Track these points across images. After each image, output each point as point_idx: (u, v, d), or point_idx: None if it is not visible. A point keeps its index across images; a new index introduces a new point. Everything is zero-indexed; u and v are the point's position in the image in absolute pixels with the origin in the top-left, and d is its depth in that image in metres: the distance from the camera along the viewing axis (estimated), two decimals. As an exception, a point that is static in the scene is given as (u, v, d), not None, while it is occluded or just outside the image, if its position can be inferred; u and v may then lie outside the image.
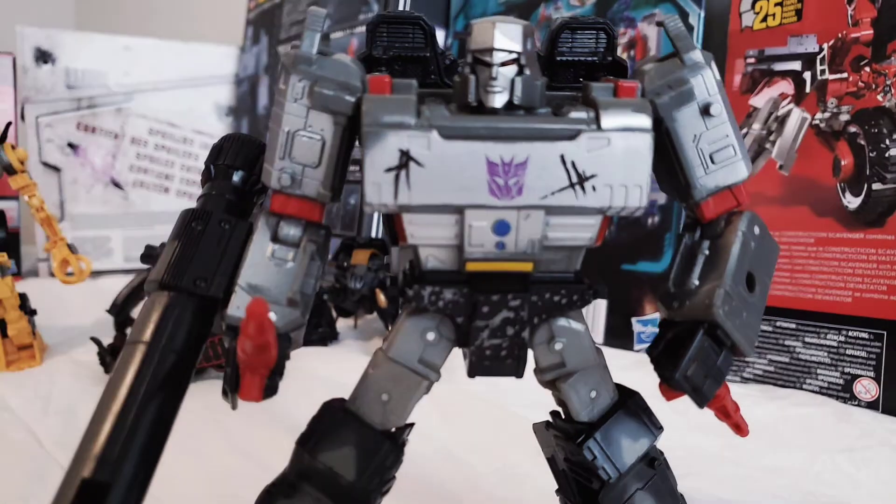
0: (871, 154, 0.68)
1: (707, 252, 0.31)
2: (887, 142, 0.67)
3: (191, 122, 1.52)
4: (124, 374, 0.28)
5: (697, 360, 0.30)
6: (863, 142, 0.69)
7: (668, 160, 0.32)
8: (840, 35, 0.71)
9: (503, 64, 0.28)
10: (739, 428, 0.34)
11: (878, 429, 0.62)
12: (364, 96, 0.29)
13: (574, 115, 0.28)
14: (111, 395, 0.27)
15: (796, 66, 0.74)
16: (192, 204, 0.34)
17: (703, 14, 0.82)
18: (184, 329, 0.29)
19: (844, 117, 0.70)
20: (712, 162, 0.31)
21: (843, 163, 0.70)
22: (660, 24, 0.32)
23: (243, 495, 0.33)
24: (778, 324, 0.74)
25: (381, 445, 0.31)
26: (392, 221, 0.31)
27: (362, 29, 1.11)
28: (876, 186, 0.68)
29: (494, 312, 0.30)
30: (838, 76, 0.71)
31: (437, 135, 0.28)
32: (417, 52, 0.34)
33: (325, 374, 0.73)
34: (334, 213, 1.17)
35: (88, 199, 1.46)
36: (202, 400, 0.72)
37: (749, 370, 0.76)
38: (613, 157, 0.28)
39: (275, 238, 0.31)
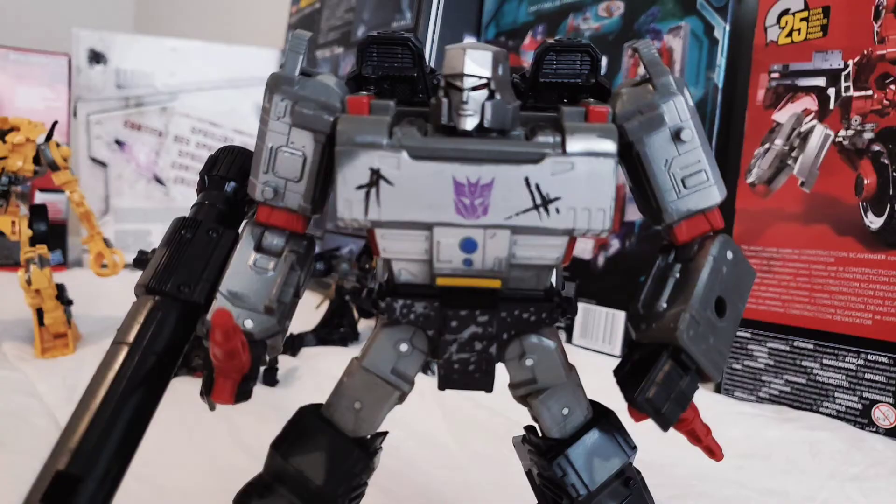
0: (894, 173, 0.67)
1: (678, 275, 0.32)
2: (913, 162, 0.66)
3: (232, 122, 1.56)
4: (106, 373, 0.29)
5: (660, 384, 0.30)
6: (887, 161, 0.67)
7: (641, 183, 0.32)
8: (866, 52, 0.69)
9: (473, 88, 0.29)
10: (712, 452, 0.34)
11: (892, 457, 0.60)
12: (340, 116, 0.30)
13: (541, 139, 0.29)
14: (92, 392, 0.29)
15: (820, 82, 0.73)
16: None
17: (728, 28, 0.81)
18: (166, 332, 0.31)
19: (868, 135, 0.69)
20: (684, 186, 0.31)
21: (865, 182, 0.68)
22: (634, 49, 0.32)
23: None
24: (795, 344, 0.73)
25: (351, 452, 0.32)
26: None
27: (395, 35, 1.13)
28: (900, 207, 0.66)
29: (463, 327, 0.31)
30: (863, 93, 0.69)
31: (407, 155, 0.29)
32: (405, 72, 0.35)
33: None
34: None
35: (132, 194, 1.51)
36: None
37: (765, 390, 0.75)
38: (577, 181, 0.29)
39: (258, 247, 0.33)
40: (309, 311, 1.15)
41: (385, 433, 0.35)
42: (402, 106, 0.33)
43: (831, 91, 0.72)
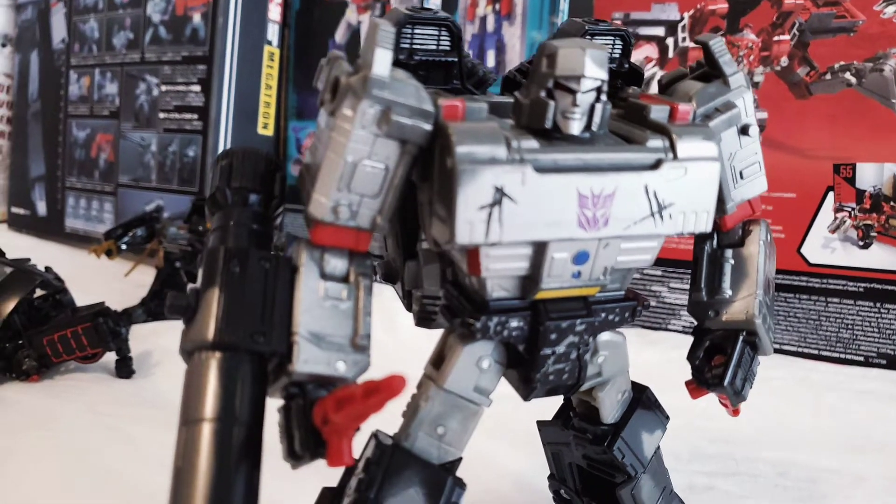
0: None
1: (732, 261, 0.34)
2: (740, 107, 0.75)
3: (-44, 53, 1.26)
4: (196, 463, 0.24)
5: (739, 367, 0.32)
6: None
7: (703, 176, 0.33)
8: (699, 6, 0.77)
9: (586, 91, 0.27)
10: (736, 413, 0.38)
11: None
12: (449, 126, 0.26)
13: (651, 143, 0.28)
14: (188, 490, 0.23)
15: (660, 31, 0.79)
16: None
17: (571, -27, 0.84)
18: (247, 395, 0.25)
19: (706, 84, 0.77)
20: (741, 178, 0.33)
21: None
22: (702, 44, 0.32)
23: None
24: (645, 271, 0.81)
25: (445, 480, 0.30)
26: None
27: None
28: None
29: (562, 338, 0.30)
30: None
31: (532, 169, 0.26)
32: (445, 57, 0.32)
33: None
34: (168, 167, 1.05)
35: None
36: (82, 400, 0.64)
37: (620, 315, 0.83)
38: (688, 186, 0.29)
39: (322, 274, 0.28)
40: (119, 281, 1.01)
41: (460, 458, 0.32)
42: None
43: (670, 41, 0.79)
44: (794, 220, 0.73)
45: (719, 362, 0.33)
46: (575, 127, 0.27)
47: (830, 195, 0.72)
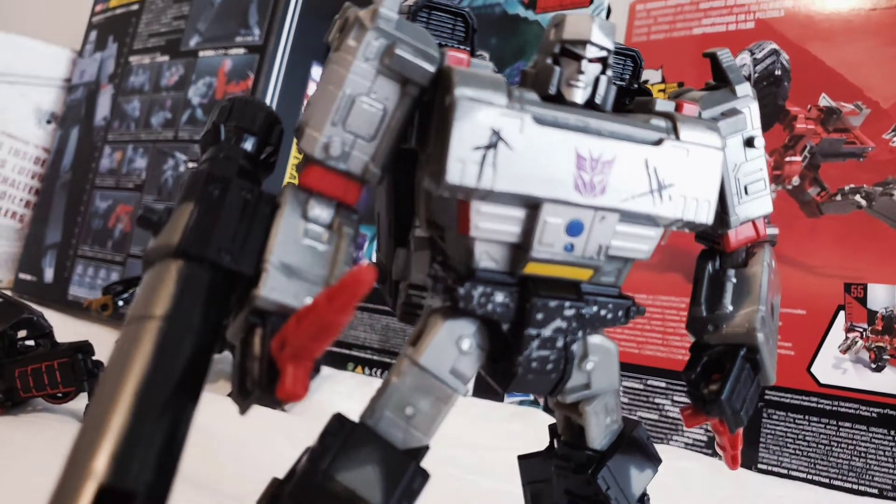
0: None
1: (734, 280, 0.32)
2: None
3: (1, 124, 1.32)
4: (133, 357, 0.22)
5: (738, 385, 0.30)
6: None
7: (707, 186, 0.32)
8: (713, 125, 0.79)
9: (591, 60, 0.27)
10: (735, 461, 0.34)
11: (750, 482, 0.66)
12: (452, 68, 0.26)
13: (655, 122, 0.28)
14: (120, 381, 0.21)
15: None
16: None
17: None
18: (203, 304, 0.24)
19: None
20: (745, 193, 0.32)
21: (714, 237, 0.77)
22: (711, 56, 0.33)
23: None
24: (649, 382, 0.78)
25: (407, 466, 0.27)
26: (430, 206, 0.29)
27: (238, 51, 1.05)
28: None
29: (549, 320, 0.28)
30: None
31: (531, 119, 0.26)
32: (458, 45, 0.32)
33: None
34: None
35: None
36: (42, 436, 0.60)
37: (619, 426, 0.79)
38: (690, 169, 0.28)
39: (304, 216, 0.27)
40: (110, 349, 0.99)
41: (427, 447, 0.30)
42: None
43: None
44: (803, 338, 0.71)
45: (717, 378, 0.30)
46: (578, 95, 0.27)
47: (841, 314, 0.70)
